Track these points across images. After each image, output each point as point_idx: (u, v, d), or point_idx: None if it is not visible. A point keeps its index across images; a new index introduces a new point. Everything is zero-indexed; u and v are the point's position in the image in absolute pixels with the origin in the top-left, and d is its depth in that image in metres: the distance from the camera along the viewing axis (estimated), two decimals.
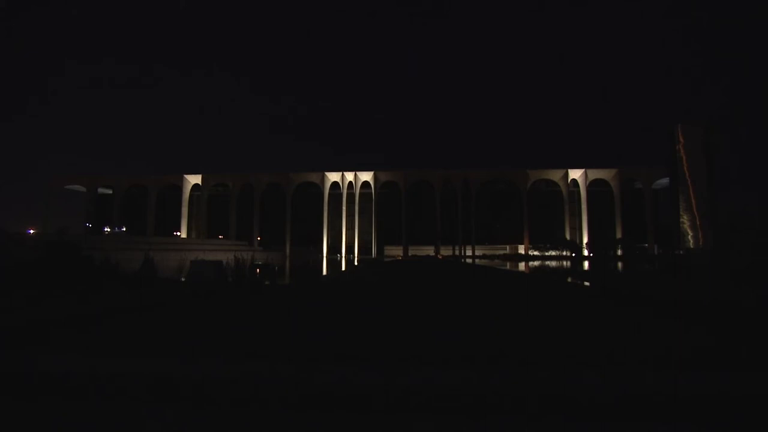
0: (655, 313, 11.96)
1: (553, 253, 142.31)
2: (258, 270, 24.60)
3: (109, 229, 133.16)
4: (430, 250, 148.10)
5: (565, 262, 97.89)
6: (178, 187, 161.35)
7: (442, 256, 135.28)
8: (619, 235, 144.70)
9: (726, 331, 9.32)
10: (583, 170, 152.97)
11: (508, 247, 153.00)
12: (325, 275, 44.72)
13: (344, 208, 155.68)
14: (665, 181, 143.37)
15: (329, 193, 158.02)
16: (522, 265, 78.77)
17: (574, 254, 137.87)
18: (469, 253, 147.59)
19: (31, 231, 79.66)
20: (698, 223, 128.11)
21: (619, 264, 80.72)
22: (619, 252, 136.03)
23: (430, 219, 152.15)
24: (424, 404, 5.35)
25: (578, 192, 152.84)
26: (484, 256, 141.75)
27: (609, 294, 18.40)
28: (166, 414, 5.22)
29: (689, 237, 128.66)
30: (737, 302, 13.39)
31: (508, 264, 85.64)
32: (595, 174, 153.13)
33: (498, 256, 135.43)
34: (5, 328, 9.42)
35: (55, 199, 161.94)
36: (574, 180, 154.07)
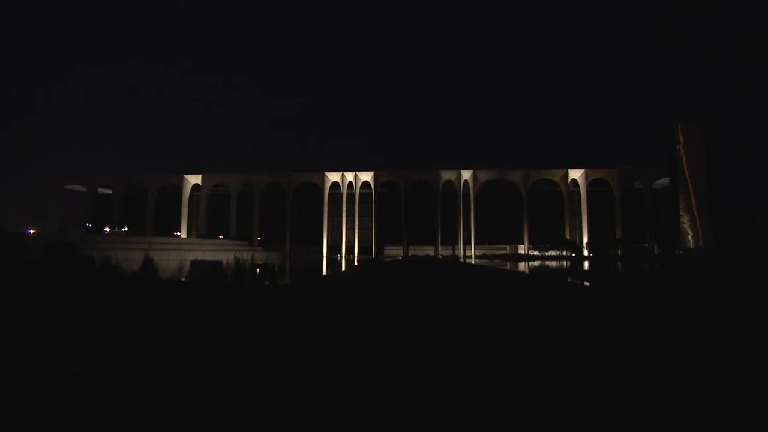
0: (655, 313, 11.95)
1: (553, 253, 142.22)
2: (258, 270, 24.62)
3: (109, 229, 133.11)
4: (430, 250, 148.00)
5: (565, 262, 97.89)
6: (178, 187, 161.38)
7: (441, 256, 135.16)
8: (619, 235, 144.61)
9: (725, 332, 9.32)
10: (583, 170, 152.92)
11: (508, 247, 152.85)
12: (324, 275, 44.73)
13: (344, 208, 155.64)
14: (665, 181, 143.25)
15: (329, 193, 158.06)
16: (522, 265, 78.69)
17: (574, 254, 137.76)
18: (469, 253, 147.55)
19: (31, 231, 79.70)
20: (698, 223, 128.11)
21: (619, 264, 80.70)
22: (619, 252, 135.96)
23: (430, 219, 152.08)
24: (423, 404, 5.36)
25: (578, 192, 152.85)
26: (484, 256, 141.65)
27: (609, 294, 18.40)
28: (167, 414, 5.22)
29: (689, 237, 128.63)
30: (736, 303, 13.41)
31: (508, 264, 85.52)
32: (595, 174, 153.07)
33: (498, 256, 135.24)
34: (5, 327, 9.43)
35: (55, 199, 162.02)
36: (574, 180, 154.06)
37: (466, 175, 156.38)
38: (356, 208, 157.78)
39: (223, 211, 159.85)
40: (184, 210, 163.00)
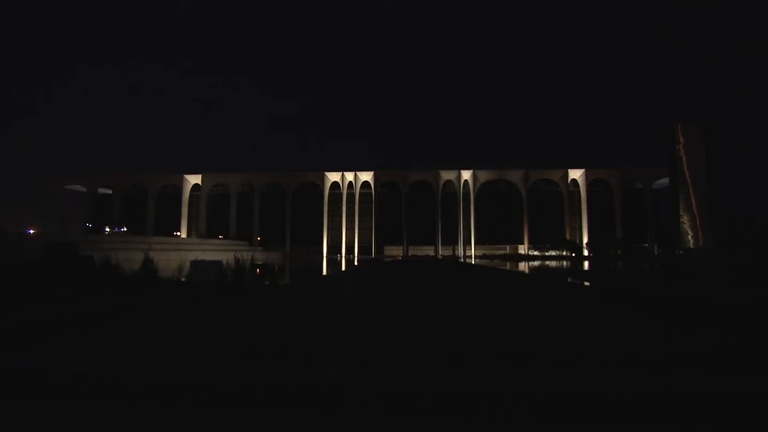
0: (655, 313, 11.96)
1: (553, 253, 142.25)
2: (258, 270, 24.62)
3: (109, 229, 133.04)
4: (430, 250, 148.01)
5: (565, 262, 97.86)
6: (178, 187, 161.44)
7: (441, 256, 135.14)
8: (619, 235, 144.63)
9: (725, 332, 9.32)
10: (583, 170, 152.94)
11: (508, 247, 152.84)
12: (324, 275, 44.74)
13: (344, 208, 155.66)
14: (665, 181, 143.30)
15: (329, 193, 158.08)
16: (522, 265, 78.61)
17: (574, 254, 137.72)
18: (469, 253, 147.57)
19: (31, 231, 79.73)
20: (698, 223, 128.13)
21: (619, 264, 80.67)
22: (619, 252, 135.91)
23: (430, 219, 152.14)
24: (423, 404, 5.35)
25: (578, 192, 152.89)
26: (484, 256, 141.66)
27: (609, 294, 18.41)
28: (167, 414, 5.22)
29: (689, 237, 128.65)
30: (736, 303, 13.40)
31: (508, 264, 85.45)
32: (595, 174, 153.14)
33: (498, 256, 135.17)
34: (5, 327, 9.43)
35: (55, 199, 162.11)
36: (574, 180, 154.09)
37: (466, 175, 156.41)
38: (356, 208, 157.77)
39: (223, 211, 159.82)
40: (184, 210, 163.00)
